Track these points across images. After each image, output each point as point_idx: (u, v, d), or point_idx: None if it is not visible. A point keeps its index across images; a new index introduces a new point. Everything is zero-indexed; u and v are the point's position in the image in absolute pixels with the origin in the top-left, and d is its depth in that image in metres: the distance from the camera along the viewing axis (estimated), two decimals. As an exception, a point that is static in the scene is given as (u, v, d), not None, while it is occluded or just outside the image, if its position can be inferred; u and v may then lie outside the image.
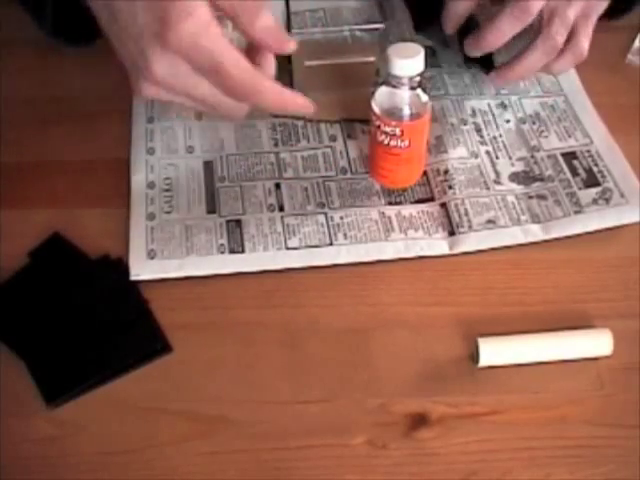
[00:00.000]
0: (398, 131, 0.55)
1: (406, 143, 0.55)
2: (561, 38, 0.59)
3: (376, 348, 0.53)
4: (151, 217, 0.59)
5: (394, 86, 0.54)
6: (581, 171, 0.62)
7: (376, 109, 0.55)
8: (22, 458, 0.48)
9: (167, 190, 0.61)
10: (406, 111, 0.55)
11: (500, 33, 0.58)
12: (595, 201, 0.60)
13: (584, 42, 0.60)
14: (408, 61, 0.53)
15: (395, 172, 0.58)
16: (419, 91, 0.55)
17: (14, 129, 0.66)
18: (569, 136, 0.65)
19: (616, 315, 0.54)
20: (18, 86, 0.69)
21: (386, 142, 0.56)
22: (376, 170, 0.59)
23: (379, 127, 0.55)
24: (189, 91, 0.48)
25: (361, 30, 0.72)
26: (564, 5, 0.58)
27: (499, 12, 0.57)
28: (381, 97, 0.55)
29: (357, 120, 0.65)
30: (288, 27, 0.69)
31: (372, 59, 0.65)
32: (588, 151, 0.63)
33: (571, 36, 0.59)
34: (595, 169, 0.62)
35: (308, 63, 0.65)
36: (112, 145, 0.64)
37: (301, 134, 0.65)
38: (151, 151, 0.64)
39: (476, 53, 0.61)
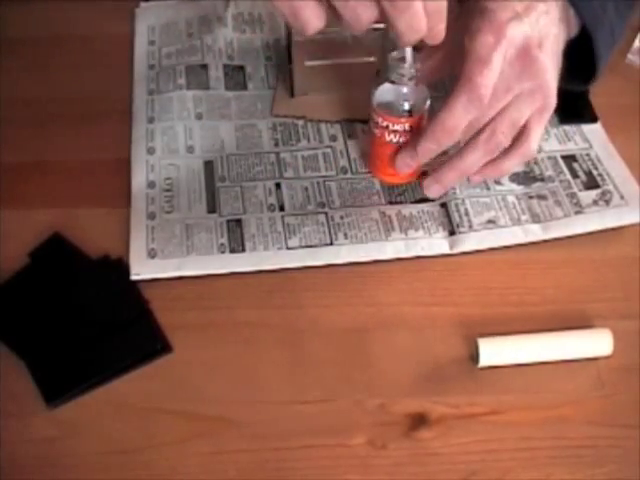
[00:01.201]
0: (400, 127, 0.54)
1: (408, 138, 0.55)
2: (505, 138, 0.52)
3: (376, 348, 0.53)
4: (151, 216, 0.59)
5: (393, 82, 0.54)
6: (581, 173, 0.62)
7: (376, 106, 0.55)
8: (22, 458, 0.48)
9: (167, 190, 0.61)
10: (406, 107, 0.55)
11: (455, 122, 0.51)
12: (595, 202, 0.60)
13: (535, 142, 0.53)
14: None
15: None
16: (420, 85, 0.54)
17: (14, 129, 0.66)
18: (568, 140, 0.65)
19: (616, 315, 0.54)
20: (18, 86, 0.69)
21: (388, 139, 0.55)
22: (379, 168, 0.59)
23: (377, 123, 0.55)
24: None
25: None
26: (520, 100, 0.52)
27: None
28: (382, 94, 0.55)
29: (357, 120, 0.65)
30: (288, 26, 0.69)
31: (372, 59, 0.65)
32: (587, 155, 0.63)
33: (521, 134, 0.53)
34: (595, 172, 0.62)
35: (308, 63, 0.65)
36: (112, 145, 0.64)
37: (301, 134, 0.65)
38: (151, 151, 0.63)
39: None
